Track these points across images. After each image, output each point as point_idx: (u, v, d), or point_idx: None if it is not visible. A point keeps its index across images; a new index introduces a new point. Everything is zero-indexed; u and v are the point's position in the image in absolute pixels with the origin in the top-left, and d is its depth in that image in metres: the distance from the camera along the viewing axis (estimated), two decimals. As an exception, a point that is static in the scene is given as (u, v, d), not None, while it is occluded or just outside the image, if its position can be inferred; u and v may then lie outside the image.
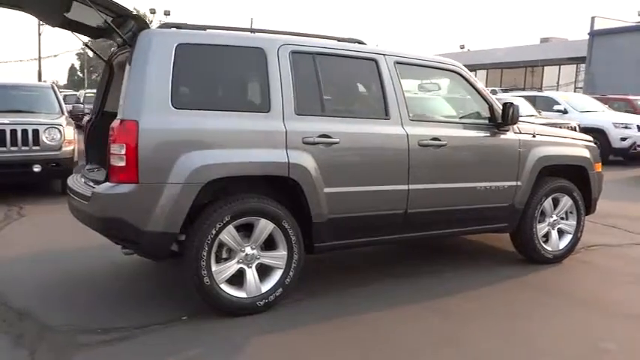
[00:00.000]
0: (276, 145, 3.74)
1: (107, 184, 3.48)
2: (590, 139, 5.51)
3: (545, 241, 5.01)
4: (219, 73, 3.79)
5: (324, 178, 3.85)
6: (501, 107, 4.61)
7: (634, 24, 27.14)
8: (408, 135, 4.20)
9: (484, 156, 4.62)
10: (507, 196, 4.71)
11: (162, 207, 3.42)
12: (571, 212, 5.13)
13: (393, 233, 4.30)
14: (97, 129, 4.66)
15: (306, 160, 3.79)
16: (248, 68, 3.84)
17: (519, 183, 4.74)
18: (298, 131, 3.79)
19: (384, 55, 4.28)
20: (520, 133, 4.78)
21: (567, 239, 5.13)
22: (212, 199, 3.64)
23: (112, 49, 4.70)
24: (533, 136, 4.85)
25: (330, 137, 3.88)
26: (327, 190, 3.87)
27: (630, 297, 4.28)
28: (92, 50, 4.68)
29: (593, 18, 26.68)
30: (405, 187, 4.21)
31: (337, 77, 4.08)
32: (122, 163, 3.39)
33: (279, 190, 3.85)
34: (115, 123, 3.44)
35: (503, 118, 4.59)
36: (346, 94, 4.21)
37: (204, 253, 3.56)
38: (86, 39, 4.49)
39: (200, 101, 3.66)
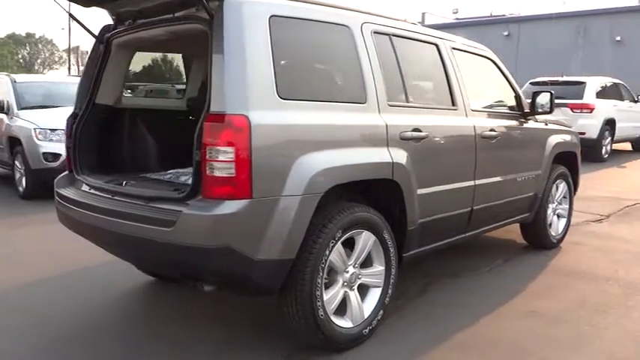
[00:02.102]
0: (379, 142, 3.16)
1: (203, 202, 2.59)
2: (571, 125, 5.78)
3: (549, 226, 5.13)
4: (314, 55, 3.07)
5: (417, 178, 3.37)
6: (531, 96, 4.55)
7: (453, 21, 30.12)
8: (475, 127, 3.90)
9: (522, 146, 4.55)
10: (534, 186, 4.69)
11: (278, 227, 2.65)
12: (564, 197, 5.32)
13: (457, 234, 3.99)
14: (89, 126, 3.54)
15: (404, 158, 3.27)
16: (339, 50, 3.16)
17: (540, 172, 4.75)
18: (395, 125, 3.25)
19: (442, 39, 3.92)
20: (538, 122, 4.78)
21: (563, 223, 5.32)
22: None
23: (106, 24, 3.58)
24: (546, 124, 4.89)
25: (420, 131, 3.41)
26: (419, 191, 3.40)
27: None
28: (79, 23, 3.49)
29: (423, 14, 28.96)
30: (472, 183, 3.93)
31: (410, 62, 3.59)
32: (229, 173, 2.53)
33: (368, 195, 3.27)
34: (212, 119, 2.56)
35: (532, 108, 4.54)
36: (419, 82, 3.75)
37: (319, 280, 2.86)
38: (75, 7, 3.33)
39: (302, 90, 2.91)
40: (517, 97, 4.57)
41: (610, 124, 12.08)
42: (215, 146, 2.54)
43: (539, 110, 4.51)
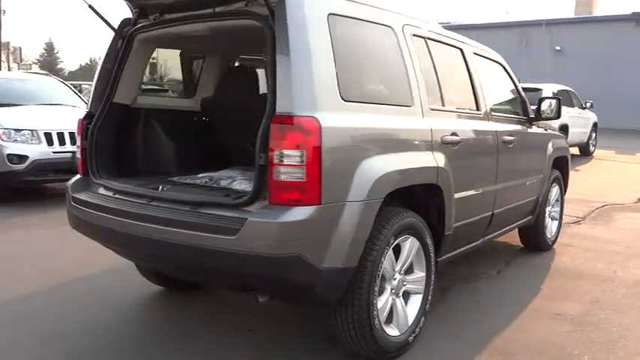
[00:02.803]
0: (426, 146, 3.12)
1: (269, 208, 2.44)
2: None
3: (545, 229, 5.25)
4: (366, 55, 2.97)
5: (455, 183, 3.34)
6: (538, 102, 4.64)
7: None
8: (497, 131, 3.93)
9: (531, 151, 4.63)
10: (538, 189, 4.79)
11: (343, 234, 2.53)
12: (557, 200, 5.47)
13: (479, 238, 3.99)
14: (106, 127, 3.30)
15: (445, 163, 3.23)
16: (387, 51, 3.07)
17: (542, 175, 4.85)
18: (437, 129, 3.22)
19: (465, 44, 3.93)
20: (539, 127, 4.88)
21: (556, 225, 5.47)
22: None
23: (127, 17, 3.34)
24: (546, 130, 5.01)
25: (457, 135, 3.38)
26: (456, 195, 3.38)
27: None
28: (99, 15, 3.21)
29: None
30: (494, 187, 3.95)
31: (443, 66, 3.55)
32: (298, 178, 2.39)
33: (408, 200, 3.20)
34: (279, 120, 2.42)
35: (538, 113, 4.63)
36: (451, 86, 3.72)
37: (375, 289, 2.77)
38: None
39: (359, 92, 2.81)
40: (523, 103, 4.65)
41: (564, 130, 12.62)
42: (283, 149, 2.40)
43: (545, 116, 4.61)
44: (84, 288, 4.08)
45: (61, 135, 6.97)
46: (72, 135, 6.86)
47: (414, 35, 3.27)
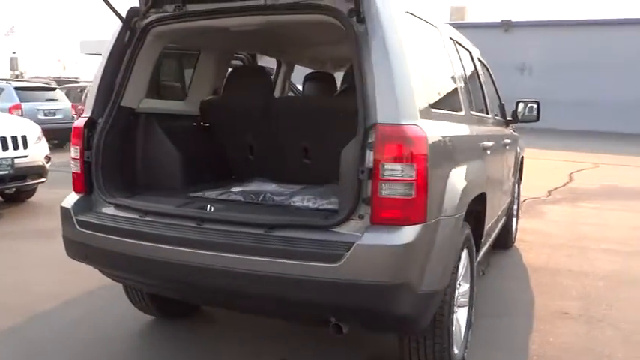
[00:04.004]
0: (477, 153, 3.02)
1: (375, 229, 2.16)
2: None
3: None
4: (429, 56, 2.77)
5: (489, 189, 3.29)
6: (515, 105, 4.76)
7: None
8: (502, 135, 3.96)
9: (512, 153, 4.72)
10: (513, 190, 4.93)
11: (439, 254, 2.34)
12: (515, 198, 5.70)
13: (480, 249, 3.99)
14: (114, 135, 2.79)
15: (486, 169, 3.16)
16: (439, 53, 2.91)
17: (516, 177, 5.02)
18: (480, 135, 3.14)
19: (472, 47, 3.89)
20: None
21: (514, 222, 5.70)
22: None
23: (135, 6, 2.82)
24: (514, 132, 5.18)
25: (490, 141, 3.33)
26: (488, 203, 3.32)
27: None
28: (109, 5, 2.62)
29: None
30: (502, 190, 3.97)
31: (467, 70, 3.48)
32: (407, 194, 2.15)
33: None
34: (386, 131, 2.15)
35: (514, 116, 4.75)
36: (473, 89, 3.64)
37: (454, 308, 2.61)
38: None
39: (434, 97, 2.61)
40: (501, 105, 4.75)
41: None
42: (390, 162, 2.14)
43: (524, 118, 4.74)
44: (69, 316, 3.47)
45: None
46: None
47: (449, 37, 3.15)
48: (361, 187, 2.19)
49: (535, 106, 4.72)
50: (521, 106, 4.76)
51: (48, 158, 6.85)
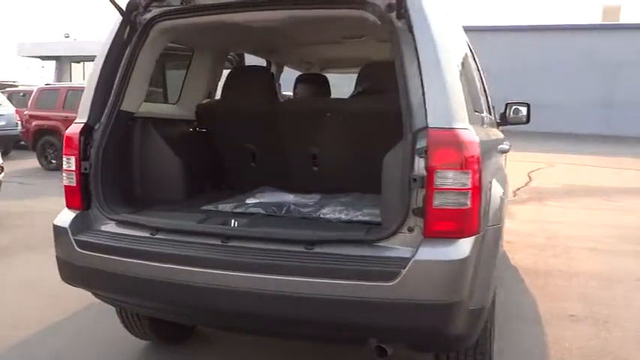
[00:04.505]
0: (501, 157, 2.89)
1: (430, 243, 1.98)
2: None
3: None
4: (462, 58, 2.62)
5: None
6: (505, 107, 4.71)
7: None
8: (503, 138, 3.88)
9: (505, 156, 4.66)
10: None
11: (487, 266, 2.19)
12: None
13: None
14: (113, 143, 2.50)
15: (504, 173, 3.06)
16: (467, 54, 2.78)
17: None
18: (498, 138, 3.02)
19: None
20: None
21: (498, 224, 5.68)
22: None
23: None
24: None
25: (503, 144, 3.23)
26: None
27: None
28: None
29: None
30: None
31: (478, 69, 3.37)
32: (462, 204, 1.99)
33: None
34: (439, 136, 1.98)
35: (503, 118, 4.70)
36: (484, 92, 3.53)
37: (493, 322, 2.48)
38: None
39: (472, 100, 2.45)
40: (492, 108, 4.69)
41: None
42: (446, 170, 1.97)
43: (513, 121, 4.69)
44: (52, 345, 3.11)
45: None
46: None
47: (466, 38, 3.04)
48: (411, 196, 2.01)
49: (525, 108, 4.67)
50: (510, 108, 4.71)
51: (1, 168, 6.32)
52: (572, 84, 23.36)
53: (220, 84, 3.48)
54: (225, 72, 3.49)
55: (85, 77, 30.40)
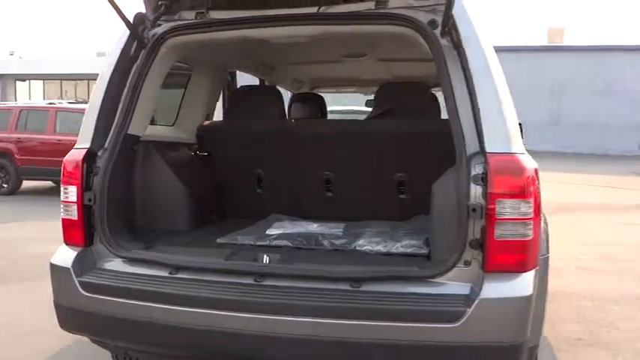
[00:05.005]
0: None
1: (496, 278, 1.82)
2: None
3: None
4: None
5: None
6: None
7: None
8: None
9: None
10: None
11: (540, 302, 2.04)
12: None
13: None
14: (119, 170, 2.24)
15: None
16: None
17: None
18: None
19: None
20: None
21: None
22: None
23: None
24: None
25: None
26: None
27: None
28: (114, 6, 2.04)
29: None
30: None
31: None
32: (524, 235, 1.84)
33: None
34: (501, 162, 1.83)
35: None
36: None
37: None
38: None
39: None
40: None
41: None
42: (508, 198, 1.82)
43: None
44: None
45: None
46: None
47: None
48: (468, 227, 1.85)
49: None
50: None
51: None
52: (519, 103, 23.95)
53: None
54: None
55: (30, 96, 29.19)
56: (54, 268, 2.18)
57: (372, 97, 5.32)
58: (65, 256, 2.19)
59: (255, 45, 2.50)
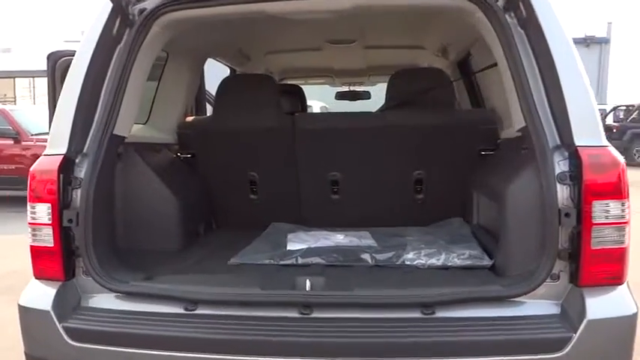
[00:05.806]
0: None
1: (600, 295, 1.55)
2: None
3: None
4: None
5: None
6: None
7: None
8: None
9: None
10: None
11: None
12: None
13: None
14: (105, 179, 1.78)
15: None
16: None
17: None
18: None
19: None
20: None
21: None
22: None
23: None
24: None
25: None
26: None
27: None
28: None
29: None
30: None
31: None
32: (618, 242, 1.57)
33: None
34: (593, 157, 1.54)
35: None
36: None
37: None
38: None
39: None
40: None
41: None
42: (608, 200, 1.54)
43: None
44: None
45: None
46: None
47: None
48: (554, 235, 1.55)
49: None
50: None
51: None
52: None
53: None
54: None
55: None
56: (25, 311, 1.68)
57: (342, 89, 4.99)
58: (39, 294, 1.69)
59: (262, 22, 2.08)
